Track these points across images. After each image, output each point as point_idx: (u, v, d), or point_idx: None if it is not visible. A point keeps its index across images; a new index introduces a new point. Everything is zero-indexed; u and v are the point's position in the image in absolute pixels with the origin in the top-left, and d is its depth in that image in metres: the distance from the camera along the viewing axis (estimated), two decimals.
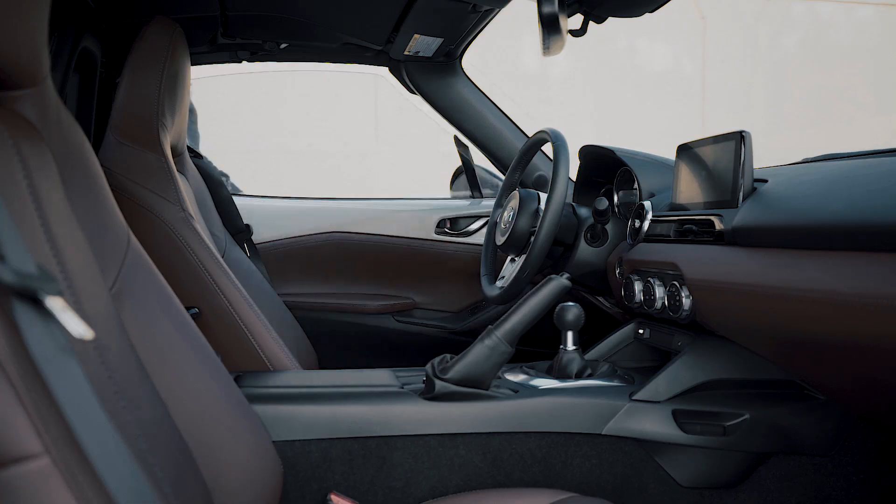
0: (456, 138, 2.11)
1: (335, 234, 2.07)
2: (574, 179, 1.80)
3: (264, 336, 1.36)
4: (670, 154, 1.41)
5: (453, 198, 2.25)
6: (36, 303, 0.48)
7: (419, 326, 2.08)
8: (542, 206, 1.56)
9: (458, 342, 2.00)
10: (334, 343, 2.03)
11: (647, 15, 1.46)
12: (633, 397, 1.17)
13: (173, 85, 1.38)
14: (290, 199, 2.19)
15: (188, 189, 1.51)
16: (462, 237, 2.09)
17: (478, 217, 2.11)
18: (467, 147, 2.12)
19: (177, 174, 1.37)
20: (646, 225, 1.38)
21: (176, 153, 1.51)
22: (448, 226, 2.09)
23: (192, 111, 2.31)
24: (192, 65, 1.66)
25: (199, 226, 1.40)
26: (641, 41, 8.66)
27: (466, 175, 2.20)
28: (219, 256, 1.38)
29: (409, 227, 2.09)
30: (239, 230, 1.95)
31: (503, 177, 1.85)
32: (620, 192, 1.65)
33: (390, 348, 2.08)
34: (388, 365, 1.78)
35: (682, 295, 1.19)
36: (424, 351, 1.96)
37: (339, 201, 2.19)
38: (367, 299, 2.08)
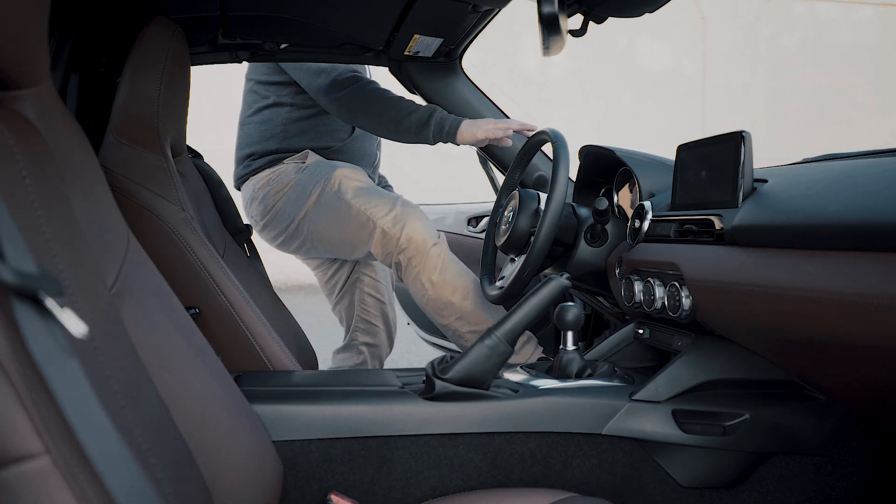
0: (478, 154, 2.24)
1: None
2: (574, 179, 1.80)
3: (264, 336, 1.36)
4: (670, 154, 1.41)
5: None
6: (36, 302, 0.48)
7: None
8: (542, 205, 1.56)
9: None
10: (410, 311, 2.64)
11: (646, 15, 1.47)
12: (633, 397, 1.17)
13: (173, 85, 1.38)
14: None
15: (188, 189, 1.51)
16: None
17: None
18: (486, 161, 2.31)
19: (177, 174, 1.37)
20: (646, 225, 1.38)
21: (176, 153, 1.51)
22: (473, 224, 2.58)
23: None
24: (192, 65, 1.66)
25: (199, 226, 1.40)
26: (641, 41, 8.66)
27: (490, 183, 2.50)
28: (219, 256, 1.38)
29: (458, 225, 2.59)
30: (239, 230, 1.95)
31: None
32: (620, 193, 1.66)
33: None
34: (433, 331, 2.44)
35: (682, 295, 1.19)
36: None
37: (439, 206, 2.77)
38: None
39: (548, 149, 1.95)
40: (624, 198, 1.65)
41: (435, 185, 6.66)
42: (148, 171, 1.32)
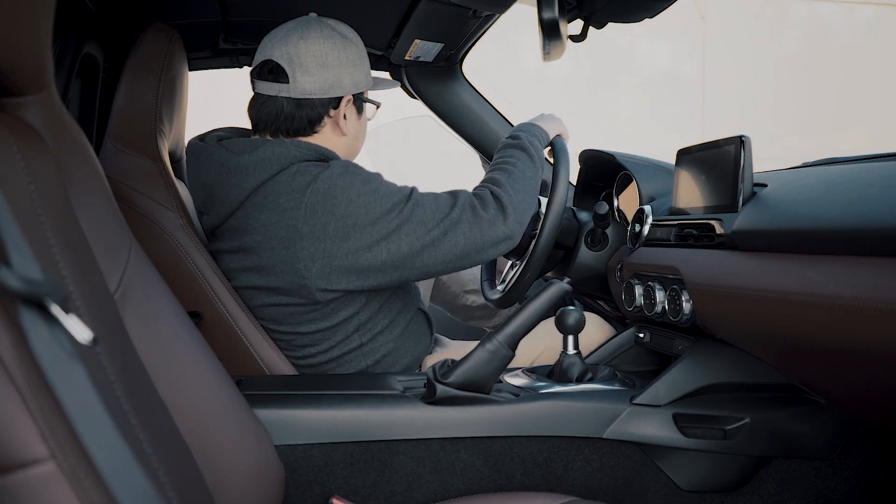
0: (480, 155, 2.18)
1: None
2: (574, 184, 1.80)
3: (262, 342, 1.36)
4: (670, 156, 1.41)
5: None
6: (42, 308, 0.48)
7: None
8: (543, 210, 1.56)
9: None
10: None
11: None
12: (634, 401, 1.17)
13: (171, 91, 1.38)
14: None
15: (186, 195, 1.51)
16: None
17: None
18: (487, 161, 2.29)
19: (175, 180, 1.37)
20: (646, 229, 1.39)
21: (174, 159, 1.52)
22: None
23: None
24: (193, 70, 1.67)
25: (198, 232, 1.40)
26: (641, 41, 8.67)
27: None
28: (216, 263, 1.38)
29: None
30: None
31: None
32: (620, 197, 1.66)
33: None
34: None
35: (683, 299, 1.19)
36: (460, 333, 2.22)
37: None
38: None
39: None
40: (624, 202, 1.65)
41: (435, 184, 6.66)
42: (146, 178, 1.32)
